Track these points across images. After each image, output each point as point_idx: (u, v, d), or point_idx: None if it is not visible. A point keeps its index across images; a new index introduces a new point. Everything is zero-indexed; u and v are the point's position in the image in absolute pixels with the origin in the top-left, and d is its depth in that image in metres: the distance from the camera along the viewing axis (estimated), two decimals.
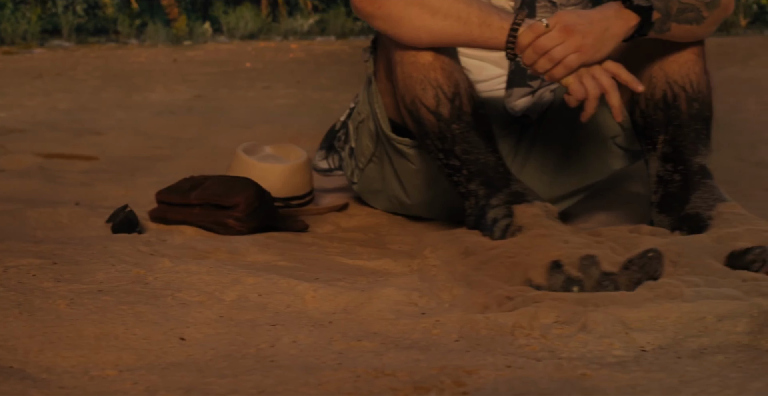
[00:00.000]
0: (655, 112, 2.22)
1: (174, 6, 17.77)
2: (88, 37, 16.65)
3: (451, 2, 2.01)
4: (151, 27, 15.79)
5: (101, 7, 19.56)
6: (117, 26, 17.09)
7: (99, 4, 19.66)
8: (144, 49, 11.27)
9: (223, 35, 15.28)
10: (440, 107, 2.08)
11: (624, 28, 2.01)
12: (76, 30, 17.04)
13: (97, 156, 3.68)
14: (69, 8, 19.89)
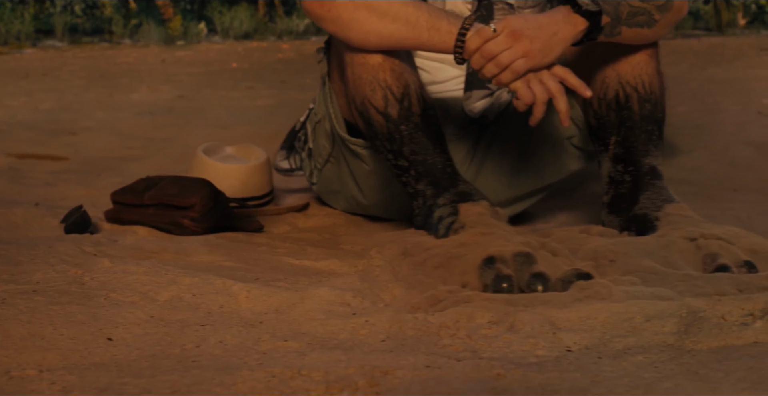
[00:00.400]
0: (608, 113, 2.23)
1: (169, 6, 17.78)
2: (83, 37, 16.67)
3: (401, 6, 2.01)
4: (146, 27, 15.81)
5: (99, 7, 19.60)
6: (112, 26, 17.10)
7: (97, 4, 19.69)
8: (135, 50, 11.28)
9: (218, 35, 15.30)
10: (389, 108, 2.08)
11: (572, 32, 2.01)
12: (70, 30, 17.04)
13: (68, 156, 3.69)
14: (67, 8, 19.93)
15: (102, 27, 18.00)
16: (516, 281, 1.69)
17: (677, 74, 6.76)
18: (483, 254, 1.72)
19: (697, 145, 3.93)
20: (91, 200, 2.63)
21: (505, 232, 1.87)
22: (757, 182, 3.23)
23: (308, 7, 2.09)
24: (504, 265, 1.70)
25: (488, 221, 1.90)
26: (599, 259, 1.86)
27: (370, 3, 2.01)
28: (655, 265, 1.78)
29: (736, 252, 1.85)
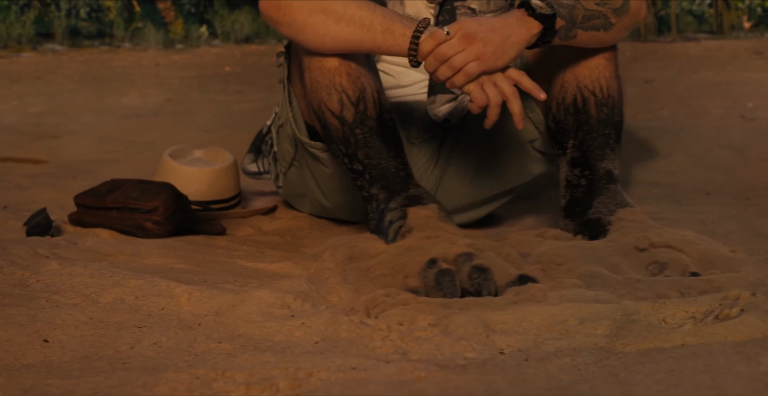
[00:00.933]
0: (566, 117, 2.24)
1: (171, 10, 17.81)
2: (84, 40, 16.69)
3: (356, 9, 2.02)
4: (147, 30, 15.83)
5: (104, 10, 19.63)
6: (113, 30, 17.13)
7: (102, 8, 19.73)
8: (133, 53, 11.31)
9: (218, 39, 15.31)
10: (344, 112, 2.09)
11: (526, 35, 2.02)
12: (71, 33, 17.07)
13: (48, 160, 3.71)
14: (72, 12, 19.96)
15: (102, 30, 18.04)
16: (458, 276, 1.70)
17: (666, 78, 6.77)
18: (426, 257, 1.74)
19: (677, 148, 3.93)
20: (60, 203, 2.64)
21: (452, 234, 1.88)
22: (732, 186, 3.24)
23: (264, 10, 2.10)
24: (447, 264, 1.72)
25: (435, 224, 1.91)
26: (547, 262, 1.87)
27: (325, 6, 2.02)
28: (599, 269, 1.79)
29: (683, 260, 1.86)
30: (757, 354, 1.31)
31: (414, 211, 1.97)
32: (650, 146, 4.00)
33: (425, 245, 1.80)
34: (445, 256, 1.74)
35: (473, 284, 1.71)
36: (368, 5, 2.03)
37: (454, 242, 1.81)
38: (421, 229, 1.90)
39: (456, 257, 1.74)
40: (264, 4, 2.10)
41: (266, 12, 2.10)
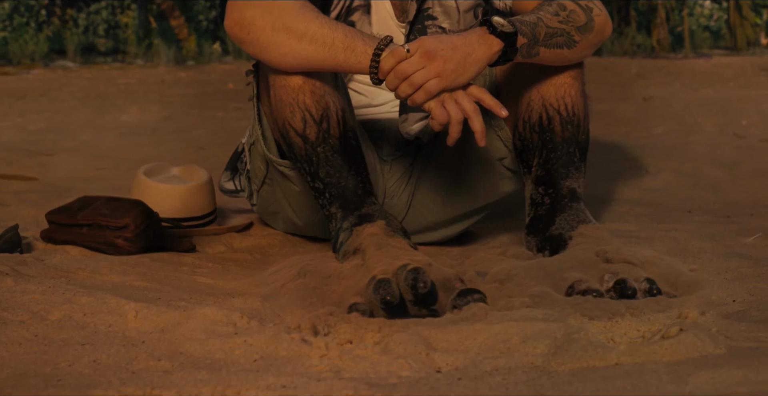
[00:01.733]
0: (531, 136, 2.25)
1: (184, 27, 17.92)
2: (97, 57, 16.80)
3: (318, 27, 2.03)
4: (159, 47, 15.92)
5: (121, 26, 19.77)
6: (127, 46, 17.23)
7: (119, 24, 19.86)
8: (142, 70, 11.37)
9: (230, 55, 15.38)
10: (307, 130, 2.10)
11: (487, 53, 2.03)
12: (85, 50, 17.18)
13: (38, 177, 3.73)
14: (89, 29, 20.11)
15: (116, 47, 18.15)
16: (395, 283, 1.70)
17: (666, 95, 6.76)
18: (368, 275, 1.74)
19: (666, 166, 3.93)
20: (37, 220, 2.65)
21: (397, 249, 1.87)
22: (716, 204, 3.23)
23: (229, 30, 2.11)
24: (384, 276, 1.72)
25: (380, 241, 1.90)
26: (502, 281, 1.88)
27: (288, 25, 2.03)
28: (549, 289, 1.79)
29: (638, 272, 1.86)
30: (688, 374, 1.31)
31: (359, 229, 1.96)
32: (640, 164, 4.00)
33: (369, 263, 1.81)
34: (386, 271, 1.75)
35: (408, 283, 1.70)
36: (331, 24, 2.04)
37: (396, 257, 1.80)
38: (366, 248, 1.89)
39: (396, 270, 1.74)
40: (229, 23, 2.11)
41: (231, 31, 2.11)
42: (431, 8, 2.43)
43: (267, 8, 2.04)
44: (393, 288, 1.69)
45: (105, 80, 9.11)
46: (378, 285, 1.70)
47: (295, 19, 2.02)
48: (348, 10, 2.38)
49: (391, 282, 1.70)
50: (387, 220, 1.99)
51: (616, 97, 6.62)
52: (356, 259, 1.87)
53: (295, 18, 2.02)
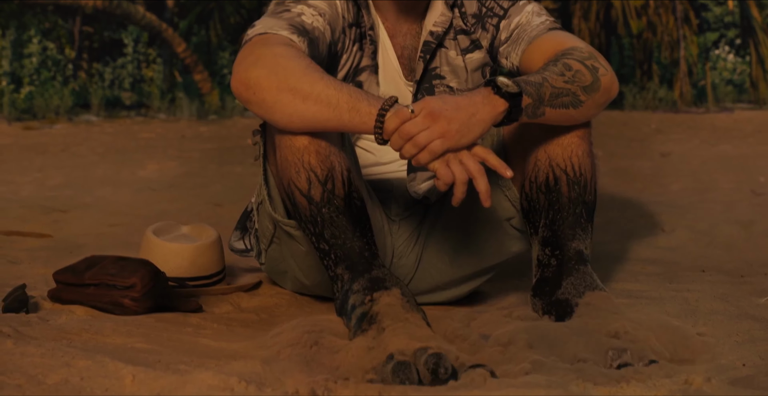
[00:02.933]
0: (538, 196, 2.24)
1: (207, 81, 18.08)
2: (122, 111, 16.94)
3: (323, 87, 2.03)
4: (182, 101, 16.04)
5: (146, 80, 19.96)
6: (151, 100, 17.37)
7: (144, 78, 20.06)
8: (164, 124, 11.46)
9: None
10: (312, 190, 2.09)
11: (492, 113, 2.02)
12: (108, 104, 17.33)
13: (51, 234, 3.74)
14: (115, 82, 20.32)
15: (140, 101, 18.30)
16: (414, 366, 1.68)
17: (684, 151, 6.74)
18: (384, 351, 1.72)
19: (681, 224, 3.90)
20: (46, 279, 2.65)
21: (415, 326, 1.84)
22: (730, 263, 3.20)
23: (235, 90, 2.12)
24: (403, 357, 1.70)
25: (397, 314, 1.88)
26: (505, 344, 1.85)
27: (293, 86, 2.03)
28: (552, 355, 1.77)
29: (643, 349, 1.83)
30: None
31: (376, 296, 1.94)
32: (655, 221, 3.97)
33: (385, 339, 1.78)
34: (404, 351, 1.73)
35: (428, 367, 1.68)
36: (336, 84, 2.04)
37: (414, 336, 1.78)
38: (382, 319, 1.87)
39: (415, 351, 1.72)
40: (235, 83, 2.12)
41: (237, 91, 2.11)
42: (439, 67, 2.44)
43: (273, 69, 2.04)
44: (413, 372, 1.67)
45: (126, 135, 9.17)
46: (397, 367, 1.68)
47: (300, 79, 2.02)
48: (356, 70, 2.39)
49: (411, 365, 1.68)
50: (402, 289, 1.96)
51: (633, 153, 6.61)
52: (371, 330, 1.84)
53: (301, 79, 2.03)
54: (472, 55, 2.45)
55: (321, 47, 2.24)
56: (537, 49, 2.31)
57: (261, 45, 2.11)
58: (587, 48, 2.24)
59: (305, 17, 2.22)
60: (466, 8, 2.44)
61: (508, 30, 2.39)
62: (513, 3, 2.41)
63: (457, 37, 2.44)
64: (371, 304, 1.92)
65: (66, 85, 17.82)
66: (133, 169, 6.15)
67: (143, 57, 20.07)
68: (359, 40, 2.37)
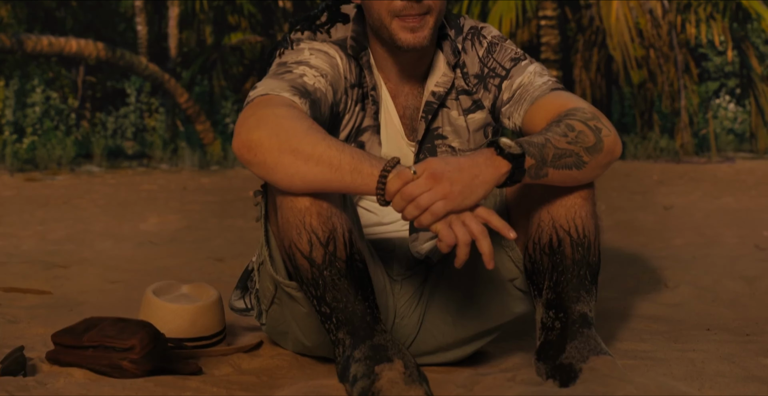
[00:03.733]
0: (541, 258, 2.22)
1: (209, 131, 18.14)
2: (124, 161, 16.98)
3: (325, 148, 2.02)
4: (184, 151, 16.09)
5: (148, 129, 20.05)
6: (153, 150, 17.43)
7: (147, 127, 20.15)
8: (166, 175, 11.46)
9: None
10: (313, 253, 2.08)
11: (495, 175, 2.01)
12: (111, 154, 17.38)
13: (51, 291, 3.71)
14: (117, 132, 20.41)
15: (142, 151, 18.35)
16: None
17: (687, 203, 6.73)
18: None
19: (684, 280, 3.87)
20: (44, 340, 2.62)
21: None
22: (735, 321, 3.17)
23: (237, 152, 2.11)
24: None
25: (399, 391, 1.85)
26: None
27: (295, 147, 2.02)
28: None
29: None
30: None
31: (379, 369, 1.91)
32: (658, 277, 3.95)
33: None
34: None
35: None
36: (338, 145, 2.03)
37: None
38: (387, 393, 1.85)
39: None
40: (236, 144, 2.11)
41: (238, 152, 2.10)
42: (441, 127, 2.44)
43: (274, 130, 2.04)
44: None
45: (128, 186, 9.18)
46: None
47: (302, 141, 2.02)
48: (358, 130, 2.38)
49: None
50: (404, 361, 1.93)
51: (636, 206, 6.60)
52: None
53: (303, 140, 2.02)
54: (474, 115, 2.45)
55: (323, 108, 2.24)
56: (540, 110, 2.30)
57: (263, 106, 2.11)
58: (590, 109, 2.24)
59: (307, 78, 2.22)
60: (468, 68, 2.44)
61: (510, 90, 2.38)
62: (515, 63, 2.41)
63: (459, 97, 2.44)
64: (373, 379, 1.89)
65: (68, 135, 17.92)
66: (134, 222, 6.15)
67: (146, 106, 20.20)
68: (361, 101, 2.37)
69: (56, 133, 17.41)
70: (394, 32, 2.28)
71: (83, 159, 16.47)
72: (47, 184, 9.98)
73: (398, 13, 2.26)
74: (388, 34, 2.29)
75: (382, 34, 2.31)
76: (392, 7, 2.26)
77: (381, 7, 2.27)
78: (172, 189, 8.67)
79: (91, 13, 22.13)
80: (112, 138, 19.92)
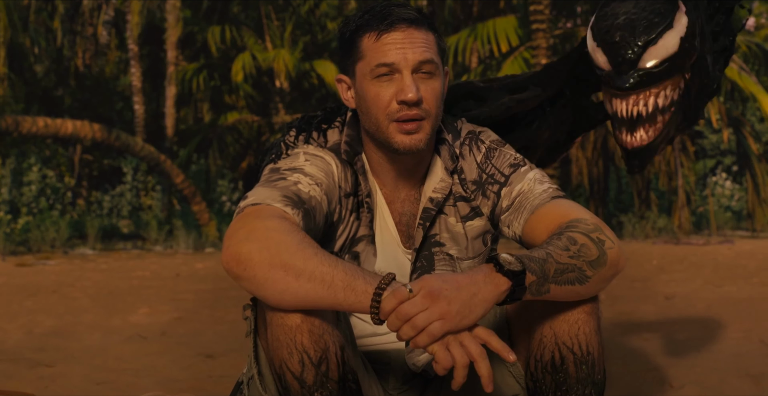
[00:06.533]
0: (544, 376, 2.12)
1: (205, 212, 18.09)
2: (118, 242, 16.89)
3: (317, 264, 1.93)
4: (179, 232, 16.01)
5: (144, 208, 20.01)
6: (148, 231, 17.35)
7: (143, 206, 20.12)
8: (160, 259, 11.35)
9: None
10: (305, 373, 1.97)
11: (494, 293, 1.92)
12: (105, 236, 17.29)
13: (35, 393, 3.59)
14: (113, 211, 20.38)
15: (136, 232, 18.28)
16: None
17: (688, 292, 6.63)
18: None
19: (690, 379, 3.76)
20: None
21: None
22: None
23: (225, 265, 2.02)
24: None
25: None
26: None
27: (285, 262, 1.93)
28: None
29: None
30: None
31: None
32: (662, 375, 3.84)
33: None
34: None
35: None
36: (330, 260, 1.94)
37: None
38: None
39: None
40: (225, 258, 2.02)
41: (227, 266, 2.01)
42: (438, 234, 2.36)
43: (265, 244, 1.95)
44: None
45: (120, 273, 9.06)
46: None
47: (293, 255, 1.93)
48: (352, 240, 2.30)
49: None
50: None
51: (636, 296, 6.50)
52: None
53: (294, 254, 1.93)
54: (473, 222, 2.37)
55: (318, 218, 2.16)
56: (540, 220, 2.22)
57: (253, 217, 2.03)
58: (592, 219, 2.15)
59: (302, 186, 2.15)
60: (466, 174, 2.36)
61: (509, 198, 2.31)
62: (514, 170, 2.34)
63: (456, 203, 2.36)
64: None
65: (63, 215, 17.85)
66: (124, 313, 6.03)
67: (142, 185, 20.23)
68: (356, 210, 2.29)
69: (51, 213, 17.35)
70: (390, 135, 2.22)
71: (77, 240, 16.39)
72: (39, 269, 9.87)
73: (396, 116, 2.20)
74: (384, 138, 2.23)
75: (379, 137, 2.25)
76: (390, 110, 2.20)
77: (379, 111, 2.21)
78: (165, 276, 8.55)
79: (89, 92, 22.29)
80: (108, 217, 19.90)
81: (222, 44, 20.92)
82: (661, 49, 2.32)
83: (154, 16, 21.32)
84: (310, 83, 21.57)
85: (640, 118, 2.43)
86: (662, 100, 2.41)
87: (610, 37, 2.34)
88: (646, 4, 2.35)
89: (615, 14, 2.37)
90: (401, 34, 2.21)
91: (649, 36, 2.30)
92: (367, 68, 2.22)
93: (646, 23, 2.32)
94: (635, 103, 2.41)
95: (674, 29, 2.33)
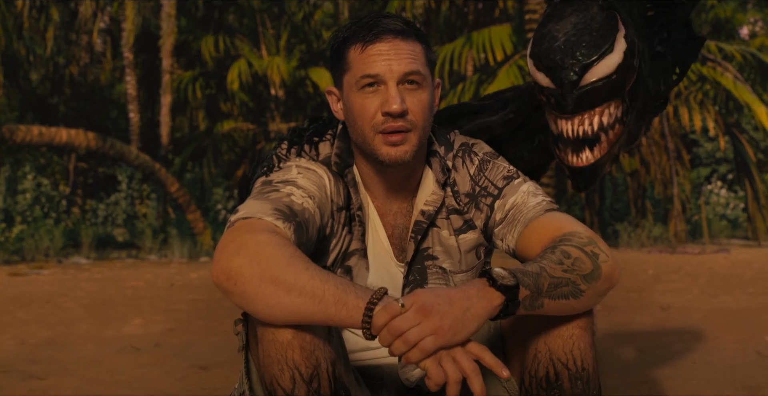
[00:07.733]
0: (538, 392, 2.09)
1: (200, 221, 18.05)
2: (113, 251, 16.85)
3: (308, 279, 1.90)
4: (174, 241, 15.97)
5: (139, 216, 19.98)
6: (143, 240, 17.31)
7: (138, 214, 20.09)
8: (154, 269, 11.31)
9: None
10: (296, 390, 1.95)
11: (487, 308, 1.89)
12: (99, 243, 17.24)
13: None
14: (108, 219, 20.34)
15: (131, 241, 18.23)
16: None
17: (684, 303, 6.60)
18: None
19: (686, 391, 3.74)
20: None
21: None
22: None
23: (215, 279, 2.00)
24: None
25: None
26: None
27: (276, 277, 1.91)
28: None
29: None
30: None
31: None
32: (658, 388, 3.81)
33: None
34: None
35: None
36: (321, 275, 1.92)
37: None
38: None
39: None
40: (215, 272, 2.00)
41: (217, 281, 1.99)
42: (431, 247, 2.33)
43: (255, 258, 1.92)
44: None
45: (114, 282, 9.02)
46: None
47: (284, 270, 1.90)
48: (345, 254, 2.28)
49: None
50: None
51: (632, 306, 6.47)
52: None
53: (284, 269, 1.90)
54: (466, 235, 2.34)
55: (311, 230, 2.13)
56: (534, 233, 2.20)
57: (244, 232, 2.00)
58: (586, 232, 2.13)
59: (295, 198, 2.12)
60: (459, 187, 2.34)
61: (503, 211, 2.29)
62: (508, 182, 2.32)
63: (449, 216, 2.34)
64: None
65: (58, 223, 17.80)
66: (117, 324, 6.00)
67: (137, 193, 20.20)
68: (348, 223, 2.27)
69: (46, 221, 17.30)
70: (376, 147, 2.20)
71: (72, 249, 16.34)
72: (32, 279, 9.82)
73: (381, 128, 2.18)
74: (370, 150, 2.21)
75: (366, 149, 2.23)
76: (375, 122, 2.18)
77: (364, 122, 2.20)
78: (159, 286, 8.51)
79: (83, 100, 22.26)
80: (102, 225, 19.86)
81: (216, 53, 20.90)
82: (602, 69, 2.31)
83: (149, 24, 21.31)
84: (306, 91, 21.57)
85: (585, 137, 2.41)
86: (606, 118, 2.40)
87: (550, 60, 2.33)
88: (584, 25, 2.34)
89: (554, 36, 2.36)
90: (387, 45, 2.19)
91: (590, 58, 2.30)
92: (353, 80, 2.21)
93: (586, 45, 2.31)
94: (580, 123, 2.40)
95: (614, 52, 2.32)
